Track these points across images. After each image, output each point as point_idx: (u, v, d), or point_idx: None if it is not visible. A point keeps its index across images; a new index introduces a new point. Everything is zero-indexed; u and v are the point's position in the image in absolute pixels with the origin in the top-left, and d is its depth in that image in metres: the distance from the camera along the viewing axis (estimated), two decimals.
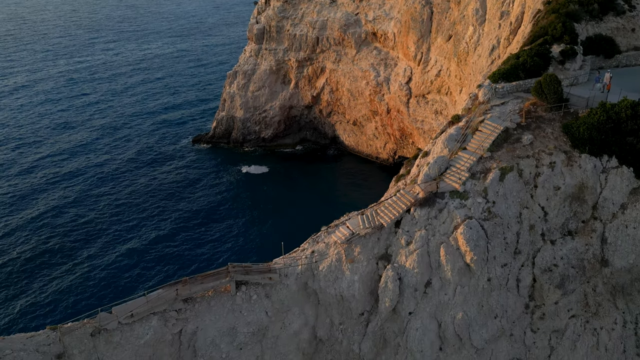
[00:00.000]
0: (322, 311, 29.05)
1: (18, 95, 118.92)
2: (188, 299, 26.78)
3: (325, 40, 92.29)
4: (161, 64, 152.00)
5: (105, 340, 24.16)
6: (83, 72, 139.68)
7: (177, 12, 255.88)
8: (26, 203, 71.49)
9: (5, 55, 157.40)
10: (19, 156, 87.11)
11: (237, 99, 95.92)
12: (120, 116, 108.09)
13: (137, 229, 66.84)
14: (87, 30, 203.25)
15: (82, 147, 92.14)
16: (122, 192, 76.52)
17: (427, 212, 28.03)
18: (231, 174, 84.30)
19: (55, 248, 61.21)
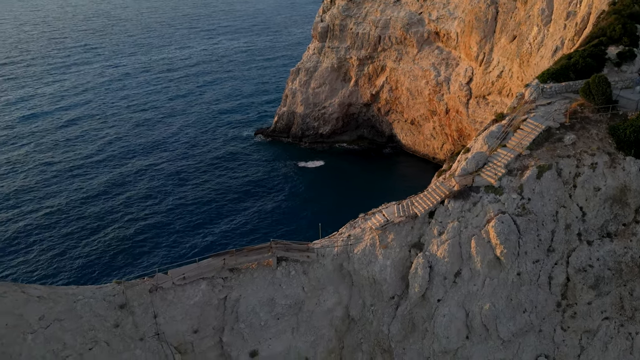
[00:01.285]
0: (355, 292, 30.88)
1: (100, 90, 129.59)
2: (234, 268, 29.60)
3: (387, 39, 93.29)
4: (230, 59, 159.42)
5: (161, 297, 27.48)
6: (159, 67, 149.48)
7: (248, 10, 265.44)
8: (119, 179, 79.21)
9: (88, 49, 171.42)
10: (104, 144, 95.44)
11: (298, 95, 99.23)
12: (190, 107, 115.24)
13: (198, 205, 72.65)
14: (165, 26, 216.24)
15: (155, 133, 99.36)
16: (188, 174, 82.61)
17: (461, 204, 29.02)
18: (287, 166, 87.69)
19: (132, 219, 67.58)
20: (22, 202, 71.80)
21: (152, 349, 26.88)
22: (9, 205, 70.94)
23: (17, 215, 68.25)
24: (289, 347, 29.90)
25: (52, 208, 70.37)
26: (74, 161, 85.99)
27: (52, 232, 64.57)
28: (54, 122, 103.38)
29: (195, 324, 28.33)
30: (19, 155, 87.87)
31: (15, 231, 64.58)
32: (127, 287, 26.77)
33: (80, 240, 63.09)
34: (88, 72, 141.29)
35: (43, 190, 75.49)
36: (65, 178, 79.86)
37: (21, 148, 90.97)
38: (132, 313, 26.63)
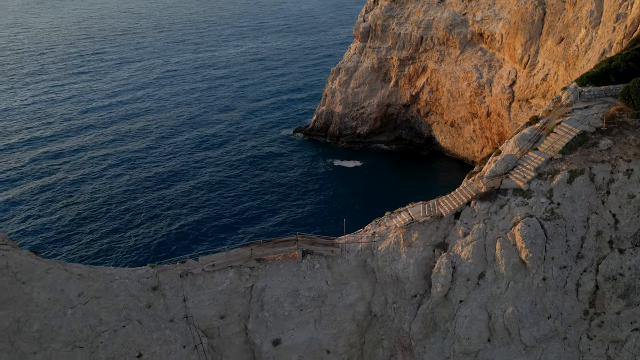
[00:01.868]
0: (378, 289, 31.31)
1: (151, 87, 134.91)
2: (260, 259, 30.71)
3: (429, 40, 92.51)
4: (275, 59, 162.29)
5: (191, 282, 28.94)
6: (206, 65, 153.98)
7: (295, 10, 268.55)
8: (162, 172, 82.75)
9: (140, 47, 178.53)
10: (155, 136, 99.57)
11: (337, 95, 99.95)
12: (234, 104, 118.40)
13: (234, 198, 74.97)
14: (213, 25, 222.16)
15: (199, 129, 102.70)
16: (228, 169, 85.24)
17: (488, 206, 28.90)
18: (323, 165, 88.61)
19: (172, 209, 70.57)
20: (75, 191, 76.11)
21: (180, 330, 28.36)
22: (65, 191, 75.37)
23: (71, 203, 72.46)
24: (311, 338, 30.69)
25: (101, 196, 74.23)
26: (124, 154, 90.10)
27: (99, 218, 68.21)
28: (107, 117, 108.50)
29: (222, 309, 29.62)
30: (73, 147, 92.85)
31: (67, 215, 68.66)
32: (160, 271, 28.37)
33: (124, 225, 66.56)
34: (139, 70, 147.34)
35: (94, 180, 79.66)
36: (115, 170, 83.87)
37: (76, 139, 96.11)
38: (163, 295, 28.21)
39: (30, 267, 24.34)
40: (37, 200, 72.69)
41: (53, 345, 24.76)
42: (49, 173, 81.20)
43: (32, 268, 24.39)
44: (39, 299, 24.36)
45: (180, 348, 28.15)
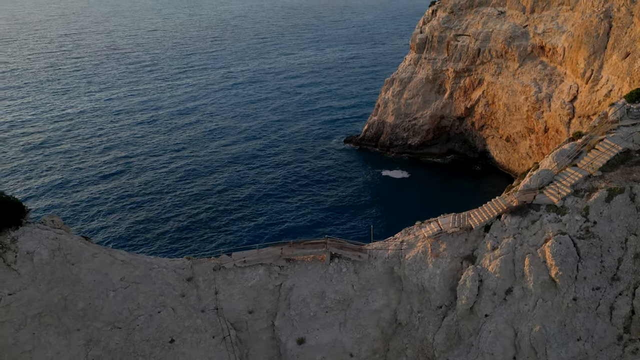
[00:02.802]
0: (404, 297, 31.49)
1: (212, 93, 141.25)
2: (290, 259, 31.86)
3: (486, 52, 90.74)
4: (332, 68, 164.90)
5: (223, 276, 30.58)
6: (265, 74, 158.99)
7: (356, 21, 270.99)
8: (211, 172, 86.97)
9: (209, 54, 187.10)
10: (211, 140, 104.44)
11: (390, 105, 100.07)
12: (289, 111, 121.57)
13: (278, 199, 77.09)
14: (275, 35, 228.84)
15: (254, 134, 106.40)
16: (276, 172, 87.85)
17: (519, 221, 28.42)
18: (371, 174, 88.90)
19: (219, 206, 73.79)
20: (134, 188, 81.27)
21: (211, 321, 30.00)
22: (127, 189, 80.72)
23: (125, 195, 77.52)
24: (335, 340, 31.36)
25: (156, 195, 78.77)
26: (185, 158, 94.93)
27: (152, 212, 72.43)
28: (172, 121, 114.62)
29: (251, 305, 31.00)
30: (141, 150, 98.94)
31: (125, 209, 73.50)
32: (195, 263, 30.23)
33: (172, 218, 70.56)
34: (203, 78, 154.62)
35: (156, 181, 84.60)
36: (173, 171, 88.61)
37: (140, 143, 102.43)
38: (197, 286, 30.01)
39: (80, 250, 26.89)
40: (104, 194, 78.29)
41: (95, 323, 27.11)
42: (117, 172, 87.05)
43: (81, 251, 26.92)
44: (85, 280, 26.82)
45: (209, 338, 29.78)
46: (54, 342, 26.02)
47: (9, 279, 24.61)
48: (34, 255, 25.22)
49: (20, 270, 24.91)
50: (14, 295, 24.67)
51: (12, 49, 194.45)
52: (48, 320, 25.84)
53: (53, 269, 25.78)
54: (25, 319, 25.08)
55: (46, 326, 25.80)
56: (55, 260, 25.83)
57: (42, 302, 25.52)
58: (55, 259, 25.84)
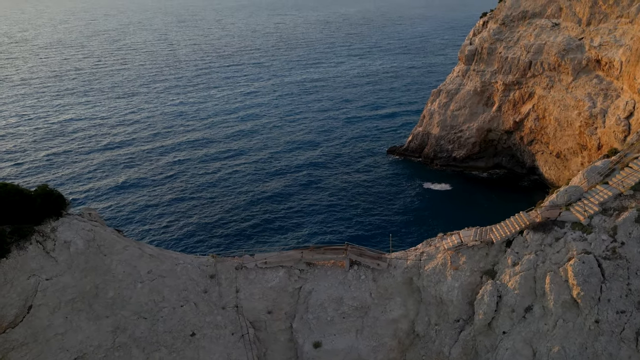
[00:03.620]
0: (423, 308, 31.32)
1: (262, 97, 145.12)
2: (311, 263, 32.53)
3: (538, 65, 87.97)
4: (380, 78, 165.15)
5: (244, 275, 31.71)
6: (313, 82, 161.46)
7: (410, 32, 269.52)
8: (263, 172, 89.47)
9: (261, 63, 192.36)
10: (264, 145, 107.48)
11: (435, 117, 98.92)
12: (333, 120, 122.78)
13: (317, 206, 78.21)
14: (326, 45, 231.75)
15: (299, 140, 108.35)
16: (318, 179, 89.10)
17: (541, 237, 27.66)
18: (412, 185, 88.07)
19: (255, 207, 75.84)
20: (180, 188, 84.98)
21: (231, 318, 31.15)
22: (173, 186, 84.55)
23: (174, 197, 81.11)
24: (351, 347, 31.62)
25: (198, 194, 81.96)
26: (232, 162, 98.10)
27: (193, 211, 75.38)
28: (223, 125, 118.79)
29: (270, 305, 31.89)
30: (190, 155, 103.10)
31: (169, 206, 76.98)
32: (219, 262, 31.55)
33: (209, 216, 73.25)
34: (255, 85, 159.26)
35: (204, 182, 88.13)
36: (219, 175, 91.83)
37: (193, 146, 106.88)
38: (219, 284, 31.29)
39: (112, 242, 28.87)
40: (152, 191, 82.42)
41: (122, 312, 28.93)
42: (171, 175, 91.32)
43: (113, 244, 28.89)
44: (115, 271, 28.73)
45: (229, 334, 30.92)
46: (84, 326, 28.01)
47: (47, 266, 26.83)
48: (71, 244, 27.36)
49: (58, 258, 27.09)
50: (51, 280, 26.85)
51: (84, 56, 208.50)
52: (80, 306, 27.87)
53: (87, 259, 27.83)
54: (60, 303, 27.19)
55: (78, 311, 27.83)
56: (89, 250, 27.88)
57: (76, 288, 27.58)
58: (89, 249, 27.89)
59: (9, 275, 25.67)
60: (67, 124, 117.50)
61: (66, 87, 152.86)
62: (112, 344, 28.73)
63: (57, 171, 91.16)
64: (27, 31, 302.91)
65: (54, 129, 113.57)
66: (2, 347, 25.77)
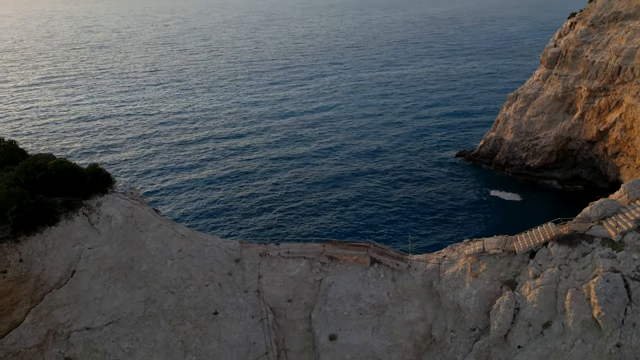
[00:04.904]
0: (441, 314, 30.68)
1: (338, 95, 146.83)
2: (333, 257, 33.12)
3: (628, 71, 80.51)
4: (458, 79, 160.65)
5: (267, 262, 33.09)
6: (391, 81, 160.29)
7: (499, 33, 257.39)
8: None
9: (340, 61, 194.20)
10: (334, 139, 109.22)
11: (510, 122, 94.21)
12: (405, 118, 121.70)
13: (377, 203, 78.25)
14: (408, 44, 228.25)
15: (370, 138, 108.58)
16: (381, 176, 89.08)
17: (567, 251, 25.96)
18: (478, 192, 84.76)
19: (313, 199, 77.42)
20: (237, 179, 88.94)
21: (252, 302, 32.69)
22: (229, 179, 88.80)
23: (219, 184, 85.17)
24: (366, 344, 31.80)
25: (250, 184, 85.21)
26: (294, 154, 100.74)
27: (239, 199, 78.59)
28: (298, 121, 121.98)
29: (290, 294, 32.97)
30: (254, 145, 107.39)
31: (216, 194, 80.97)
32: (244, 247, 33.20)
33: (269, 206, 76.05)
34: (329, 83, 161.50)
35: (262, 172, 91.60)
36: (285, 165, 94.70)
37: (258, 138, 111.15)
38: (243, 268, 32.94)
39: (148, 220, 31.57)
40: (209, 183, 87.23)
41: (154, 285, 31.53)
42: (232, 164, 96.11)
43: (149, 221, 31.58)
44: (149, 247, 31.38)
45: (249, 317, 32.48)
46: (119, 294, 30.95)
47: (91, 236, 30.03)
48: (112, 219, 30.38)
49: (100, 230, 30.21)
50: (92, 249, 30.01)
51: (179, 51, 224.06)
52: (117, 275, 30.84)
53: (125, 233, 30.72)
54: (99, 271, 30.31)
55: (115, 280, 30.82)
56: (127, 225, 30.76)
57: (114, 259, 30.56)
58: (127, 224, 30.77)
59: (57, 242, 29.11)
60: (153, 114, 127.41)
61: (159, 81, 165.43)
62: (143, 313, 31.45)
63: (130, 153, 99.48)
64: (131, 27, 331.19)
65: (134, 117, 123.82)
66: (48, 304, 29.31)
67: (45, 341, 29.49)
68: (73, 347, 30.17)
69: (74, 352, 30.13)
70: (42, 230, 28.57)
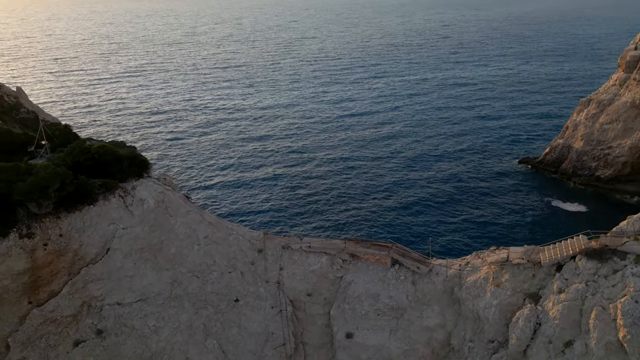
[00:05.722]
0: (461, 322, 29.46)
1: (400, 94, 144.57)
2: (354, 255, 32.83)
3: None
4: (528, 82, 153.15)
5: (289, 255, 33.45)
6: (456, 82, 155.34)
7: (582, 34, 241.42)
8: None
9: (407, 60, 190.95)
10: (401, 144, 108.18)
11: (580, 129, 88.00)
12: (467, 121, 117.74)
13: (427, 206, 76.10)
14: (478, 45, 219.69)
15: (428, 138, 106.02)
16: (441, 180, 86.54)
17: (596, 267, 23.93)
18: (538, 200, 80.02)
19: (368, 200, 76.69)
20: (294, 177, 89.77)
21: (272, 292, 33.23)
22: (287, 177, 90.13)
23: (292, 184, 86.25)
24: (382, 345, 31.25)
25: (303, 183, 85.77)
26: (368, 158, 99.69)
27: (307, 192, 79.14)
28: (367, 122, 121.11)
29: (310, 288, 33.11)
30: (336, 144, 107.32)
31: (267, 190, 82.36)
32: (268, 238, 33.77)
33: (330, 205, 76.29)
34: (395, 82, 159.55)
35: (321, 171, 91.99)
36: (339, 167, 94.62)
37: (321, 137, 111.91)
38: (265, 259, 33.55)
39: (178, 205, 33.03)
40: (269, 181, 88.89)
41: (180, 268, 32.97)
42: (289, 162, 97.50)
43: (179, 207, 33.03)
44: (178, 231, 32.84)
45: (268, 307, 33.05)
46: (148, 274, 32.68)
47: (125, 217, 31.94)
48: (144, 202, 32.13)
49: (134, 212, 32.05)
50: (126, 230, 31.91)
51: (251, 47, 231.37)
52: (147, 256, 32.57)
53: (156, 216, 32.37)
54: (131, 250, 32.17)
55: (145, 260, 32.57)
56: (158, 209, 32.39)
57: (145, 240, 32.30)
58: (158, 208, 32.40)
59: (94, 220, 31.26)
60: (219, 109, 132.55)
61: (228, 78, 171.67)
62: (169, 294, 33.00)
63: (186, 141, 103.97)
64: (207, 25, 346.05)
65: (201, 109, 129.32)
66: (84, 278, 31.56)
67: (79, 312, 31.79)
68: (104, 320, 32.28)
69: (105, 324, 32.22)
70: (81, 208, 30.79)
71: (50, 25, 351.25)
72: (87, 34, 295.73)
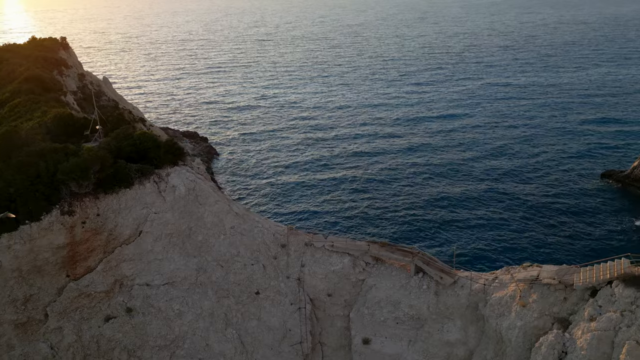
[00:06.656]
0: (484, 341, 27.13)
1: (476, 98, 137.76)
2: (378, 259, 31.47)
3: None
4: (617, 89, 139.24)
5: (311, 253, 32.82)
6: (537, 86, 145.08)
7: None
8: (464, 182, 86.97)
9: (492, 62, 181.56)
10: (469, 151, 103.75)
11: None
12: (546, 128, 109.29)
13: (501, 220, 71.05)
14: (570, 47, 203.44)
15: (503, 146, 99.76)
16: (511, 191, 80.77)
17: (634, 295, 20.76)
18: (618, 219, 72.09)
19: (435, 205, 73.46)
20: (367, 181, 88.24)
21: (292, 288, 32.84)
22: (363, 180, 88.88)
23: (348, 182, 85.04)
24: (399, 355, 29.74)
25: (376, 186, 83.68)
26: (430, 164, 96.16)
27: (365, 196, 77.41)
28: (432, 128, 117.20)
29: (331, 288, 32.29)
30: (398, 150, 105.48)
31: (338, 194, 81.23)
32: (292, 234, 33.38)
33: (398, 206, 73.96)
34: (474, 85, 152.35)
35: (395, 176, 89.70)
36: (403, 174, 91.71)
37: (398, 140, 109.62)
38: (288, 254, 33.21)
39: (207, 195, 33.66)
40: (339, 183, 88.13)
41: (206, 256, 33.63)
42: (357, 165, 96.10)
43: (208, 196, 33.65)
44: (206, 220, 33.49)
45: (288, 303, 32.73)
46: (176, 259, 33.71)
47: (157, 202, 33.17)
48: (176, 189, 33.13)
49: (166, 198, 33.18)
50: (158, 214, 33.13)
51: (328, 46, 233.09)
52: (176, 241, 33.61)
53: (186, 203, 33.27)
54: (161, 234, 33.35)
55: (173, 245, 33.63)
56: (188, 197, 33.26)
57: (174, 226, 33.34)
58: (188, 196, 33.27)
59: (129, 203, 32.79)
60: (294, 107, 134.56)
61: (304, 76, 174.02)
62: (194, 280, 33.83)
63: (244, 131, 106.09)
64: (291, 23, 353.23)
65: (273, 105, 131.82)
66: (117, 257, 33.23)
67: (112, 289, 33.55)
68: (134, 299, 33.80)
69: (134, 303, 33.74)
70: (118, 191, 32.43)
71: (153, 21, 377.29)
72: (183, 31, 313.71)
